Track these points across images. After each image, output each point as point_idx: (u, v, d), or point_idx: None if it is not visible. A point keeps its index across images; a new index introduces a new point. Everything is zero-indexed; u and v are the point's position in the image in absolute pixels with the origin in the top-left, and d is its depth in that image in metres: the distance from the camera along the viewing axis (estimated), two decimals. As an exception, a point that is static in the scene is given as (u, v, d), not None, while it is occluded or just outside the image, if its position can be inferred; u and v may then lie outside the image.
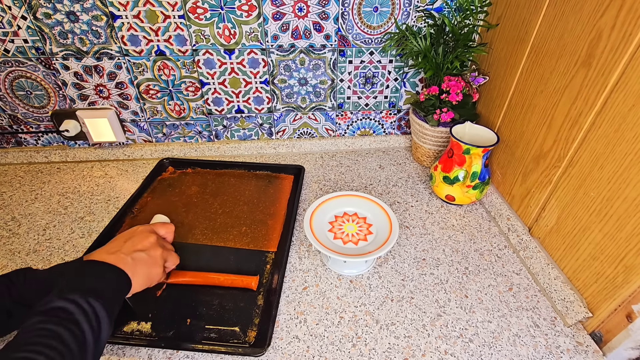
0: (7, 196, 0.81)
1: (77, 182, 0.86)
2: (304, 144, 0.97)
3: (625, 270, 0.48)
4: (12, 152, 0.91)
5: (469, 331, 0.55)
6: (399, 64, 0.88)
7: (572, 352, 0.53)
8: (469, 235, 0.72)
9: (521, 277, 0.64)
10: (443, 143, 0.84)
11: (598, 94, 0.51)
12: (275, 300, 0.57)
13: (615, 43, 0.48)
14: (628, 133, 0.47)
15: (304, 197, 0.82)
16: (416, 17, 0.81)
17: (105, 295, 0.40)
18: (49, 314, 0.36)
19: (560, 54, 0.58)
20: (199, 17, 0.77)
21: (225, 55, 0.82)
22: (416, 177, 0.88)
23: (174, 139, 0.95)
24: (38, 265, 0.65)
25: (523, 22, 0.66)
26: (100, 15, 0.75)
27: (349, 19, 0.79)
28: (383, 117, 0.96)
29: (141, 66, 0.82)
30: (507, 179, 0.74)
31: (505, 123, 0.74)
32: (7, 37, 0.76)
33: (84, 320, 0.36)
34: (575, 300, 0.55)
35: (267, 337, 0.52)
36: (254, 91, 0.88)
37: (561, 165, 0.59)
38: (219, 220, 0.74)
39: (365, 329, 0.55)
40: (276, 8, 0.77)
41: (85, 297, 0.38)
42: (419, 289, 0.62)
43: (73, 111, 0.87)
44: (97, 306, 0.38)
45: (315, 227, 0.64)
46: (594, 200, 0.53)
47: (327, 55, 0.84)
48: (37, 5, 0.73)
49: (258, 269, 0.64)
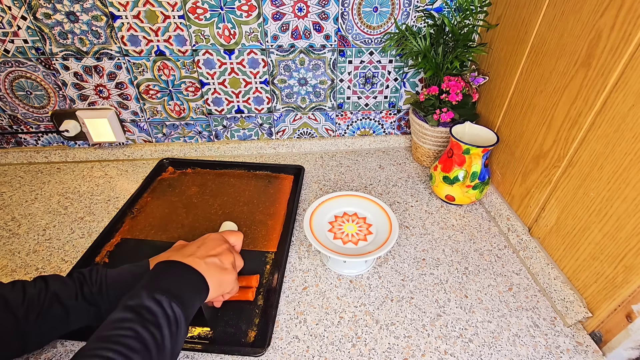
0: (7, 196, 0.81)
1: (77, 182, 0.86)
2: (303, 144, 0.97)
3: (625, 270, 0.48)
4: (12, 152, 0.91)
5: (469, 331, 0.55)
6: (399, 64, 0.88)
7: (572, 352, 0.53)
8: (469, 235, 0.72)
9: (521, 277, 0.64)
10: (443, 143, 0.84)
11: (598, 94, 0.51)
12: (275, 300, 0.57)
13: (614, 43, 0.48)
14: (628, 133, 0.47)
15: (303, 197, 0.82)
16: (416, 17, 0.81)
17: (186, 301, 0.41)
18: (137, 312, 0.37)
19: (560, 54, 0.58)
20: (199, 17, 0.77)
21: (225, 56, 0.82)
22: (416, 177, 0.88)
23: (174, 139, 0.95)
24: (38, 265, 0.65)
25: (523, 22, 0.66)
26: (100, 15, 0.75)
27: (348, 19, 0.79)
28: (383, 117, 0.96)
29: (141, 66, 0.82)
30: (507, 179, 0.74)
31: (505, 123, 0.74)
32: (7, 37, 0.76)
33: (166, 325, 0.38)
34: (575, 300, 0.55)
35: (267, 337, 0.52)
36: (254, 91, 0.88)
37: (561, 165, 0.59)
38: (219, 220, 0.74)
39: (365, 329, 0.55)
40: (276, 8, 0.77)
41: (170, 301, 0.39)
42: (418, 289, 0.62)
43: (73, 111, 0.87)
44: (178, 312, 0.39)
45: (315, 227, 0.64)
46: (594, 200, 0.53)
47: (327, 56, 0.84)
48: (37, 5, 0.73)
49: (258, 269, 0.64)
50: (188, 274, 0.45)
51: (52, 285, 0.46)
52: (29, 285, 0.46)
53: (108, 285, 0.49)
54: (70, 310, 0.46)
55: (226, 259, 0.51)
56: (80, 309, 0.47)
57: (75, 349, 0.52)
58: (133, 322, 0.36)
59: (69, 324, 0.47)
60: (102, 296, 0.48)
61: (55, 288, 0.46)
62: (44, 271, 0.64)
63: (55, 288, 0.46)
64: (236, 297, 0.57)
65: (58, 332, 0.48)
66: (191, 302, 0.43)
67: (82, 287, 0.48)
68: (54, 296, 0.46)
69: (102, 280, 0.49)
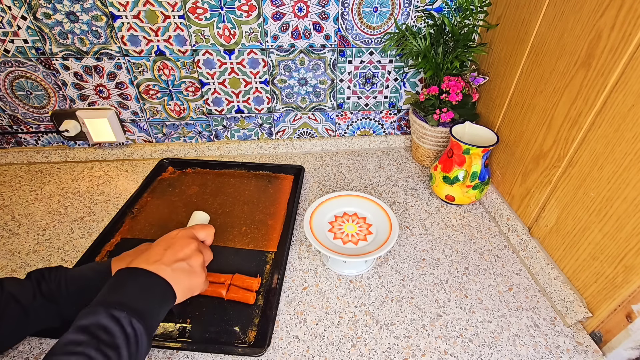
0: (7, 196, 0.81)
1: (77, 182, 0.86)
2: (303, 144, 0.97)
3: (625, 270, 0.48)
4: (12, 152, 0.91)
5: (469, 331, 0.55)
6: (399, 64, 0.88)
7: (572, 352, 0.53)
8: (469, 235, 0.72)
9: (521, 277, 0.64)
10: (443, 143, 0.84)
11: (598, 94, 0.51)
12: (275, 300, 0.57)
13: (614, 43, 0.48)
14: (628, 133, 0.47)
15: (303, 197, 0.82)
16: (416, 17, 0.81)
17: (149, 314, 0.38)
18: (91, 334, 0.34)
19: (560, 54, 0.58)
20: (199, 17, 0.77)
21: (225, 56, 0.82)
22: (416, 177, 0.88)
23: (174, 139, 0.95)
24: (38, 265, 0.64)
25: (523, 22, 0.66)
26: (100, 15, 0.75)
27: (348, 19, 0.79)
28: (383, 117, 0.96)
29: (141, 66, 0.82)
30: (507, 179, 0.74)
31: (505, 123, 0.74)
32: (7, 37, 0.76)
33: (124, 346, 0.35)
34: (575, 300, 0.55)
35: (267, 337, 0.52)
36: (254, 91, 0.88)
37: (561, 165, 0.59)
38: (218, 220, 0.74)
39: (365, 329, 0.55)
40: (276, 8, 0.77)
41: (130, 317, 0.36)
42: (418, 289, 0.62)
43: (73, 111, 0.87)
44: (139, 329, 0.37)
45: (315, 227, 0.64)
46: (594, 200, 0.53)
47: (327, 56, 0.84)
48: (37, 5, 0.73)
49: (258, 269, 0.64)
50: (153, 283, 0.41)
51: (8, 287, 0.45)
52: None
53: (68, 281, 0.47)
54: (30, 310, 0.45)
55: (195, 261, 0.47)
56: (39, 308, 0.45)
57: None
58: (86, 346, 0.33)
59: (29, 324, 0.45)
60: (61, 293, 0.46)
61: (10, 289, 0.45)
62: (44, 271, 0.64)
63: (11, 289, 0.45)
64: (236, 299, 0.57)
65: (18, 334, 0.46)
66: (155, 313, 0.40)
67: (39, 285, 0.46)
68: (10, 296, 0.44)
69: (61, 277, 0.47)
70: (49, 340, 0.53)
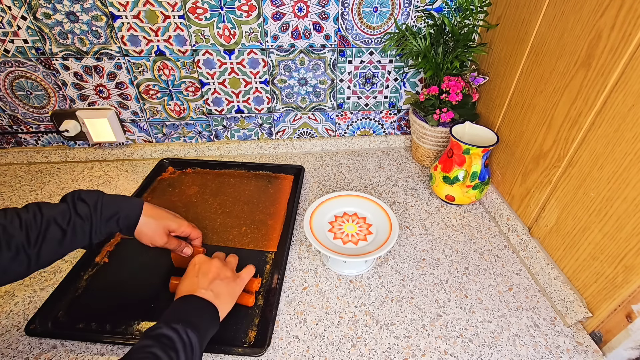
0: (7, 196, 0.81)
1: (77, 182, 0.86)
2: (303, 144, 0.97)
3: (625, 270, 0.48)
4: (12, 152, 0.91)
5: (469, 331, 0.55)
6: (399, 64, 0.88)
7: (572, 352, 0.53)
8: (469, 235, 0.72)
9: (521, 277, 0.64)
10: (443, 143, 0.84)
11: (598, 94, 0.51)
12: (275, 300, 0.57)
13: (614, 43, 0.48)
14: (627, 133, 0.47)
15: (303, 197, 0.82)
16: (416, 17, 0.81)
17: (201, 327, 0.46)
18: (157, 339, 0.42)
19: (560, 54, 0.58)
20: (199, 17, 0.77)
21: (225, 56, 0.82)
22: (416, 177, 0.88)
23: (174, 139, 0.95)
24: (38, 265, 0.64)
25: (523, 22, 0.66)
26: (100, 15, 0.75)
27: (348, 19, 0.79)
28: (383, 117, 0.96)
29: (141, 66, 0.82)
30: (507, 179, 0.74)
31: (505, 123, 0.74)
32: (7, 37, 0.76)
33: (182, 349, 0.42)
34: (575, 300, 0.55)
35: (267, 337, 0.52)
36: (254, 91, 0.88)
37: (561, 165, 0.59)
38: (218, 220, 0.74)
39: (365, 329, 0.55)
40: (276, 8, 0.77)
41: (185, 328, 0.43)
42: (418, 289, 0.62)
43: (73, 111, 0.87)
44: (194, 338, 0.44)
45: (315, 227, 0.64)
46: (594, 200, 0.53)
47: (327, 55, 0.84)
48: (37, 5, 0.73)
49: (258, 269, 0.64)
50: (202, 304, 0.49)
51: (46, 211, 0.48)
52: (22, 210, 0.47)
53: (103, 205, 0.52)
54: (67, 231, 0.48)
55: (225, 273, 0.53)
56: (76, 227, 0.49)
57: (76, 349, 0.52)
58: (153, 347, 0.41)
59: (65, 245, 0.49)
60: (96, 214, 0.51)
61: (48, 213, 0.48)
62: (44, 271, 0.64)
63: (49, 212, 0.48)
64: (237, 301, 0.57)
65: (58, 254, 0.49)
66: (205, 328, 0.46)
67: (75, 207, 0.50)
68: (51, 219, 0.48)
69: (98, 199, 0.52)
70: (48, 340, 0.53)
